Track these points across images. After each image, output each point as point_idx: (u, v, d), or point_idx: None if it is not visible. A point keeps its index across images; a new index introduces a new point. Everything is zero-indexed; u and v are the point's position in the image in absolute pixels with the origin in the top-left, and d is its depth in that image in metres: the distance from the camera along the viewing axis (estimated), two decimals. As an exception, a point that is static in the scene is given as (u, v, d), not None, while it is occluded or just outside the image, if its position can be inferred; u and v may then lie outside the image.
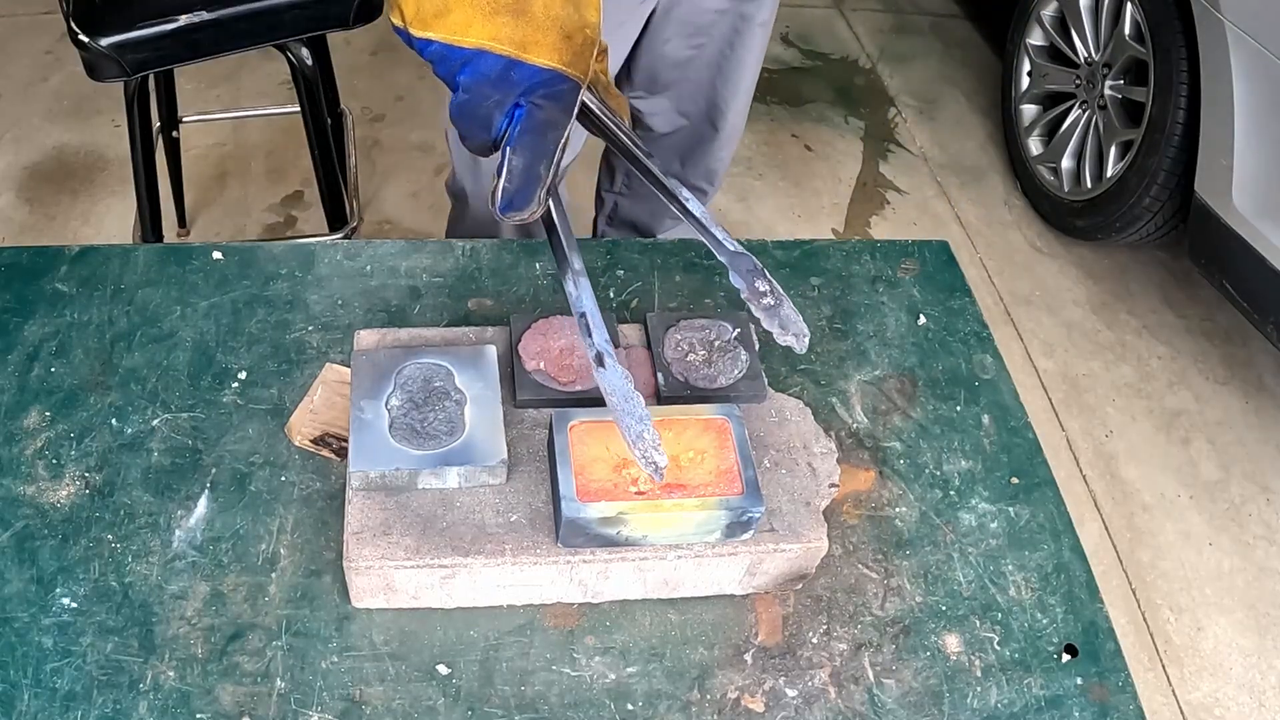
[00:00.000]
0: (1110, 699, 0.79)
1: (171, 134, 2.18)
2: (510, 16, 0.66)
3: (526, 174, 0.67)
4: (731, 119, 1.73)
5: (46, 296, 0.98)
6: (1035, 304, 2.46)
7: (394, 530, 0.77)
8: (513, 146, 0.67)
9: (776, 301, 0.77)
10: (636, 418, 0.72)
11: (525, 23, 0.67)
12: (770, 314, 0.77)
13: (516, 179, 0.67)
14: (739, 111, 1.74)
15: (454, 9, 0.67)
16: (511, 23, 0.66)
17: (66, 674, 0.74)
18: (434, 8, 0.67)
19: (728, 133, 1.75)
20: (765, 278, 0.77)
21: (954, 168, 2.82)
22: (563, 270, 0.76)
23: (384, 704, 0.74)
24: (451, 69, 0.68)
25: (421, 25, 0.67)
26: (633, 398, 0.73)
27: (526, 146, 0.67)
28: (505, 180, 0.67)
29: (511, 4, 0.66)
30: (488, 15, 0.66)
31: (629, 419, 0.72)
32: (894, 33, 3.29)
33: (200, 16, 1.63)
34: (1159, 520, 2.06)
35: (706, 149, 1.76)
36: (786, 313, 0.77)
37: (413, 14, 0.68)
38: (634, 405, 0.73)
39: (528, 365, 0.88)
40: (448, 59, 0.68)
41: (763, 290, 0.77)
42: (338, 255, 1.04)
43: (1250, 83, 1.98)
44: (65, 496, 0.84)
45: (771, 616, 0.82)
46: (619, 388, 0.73)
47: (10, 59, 2.80)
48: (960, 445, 0.94)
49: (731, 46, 1.60)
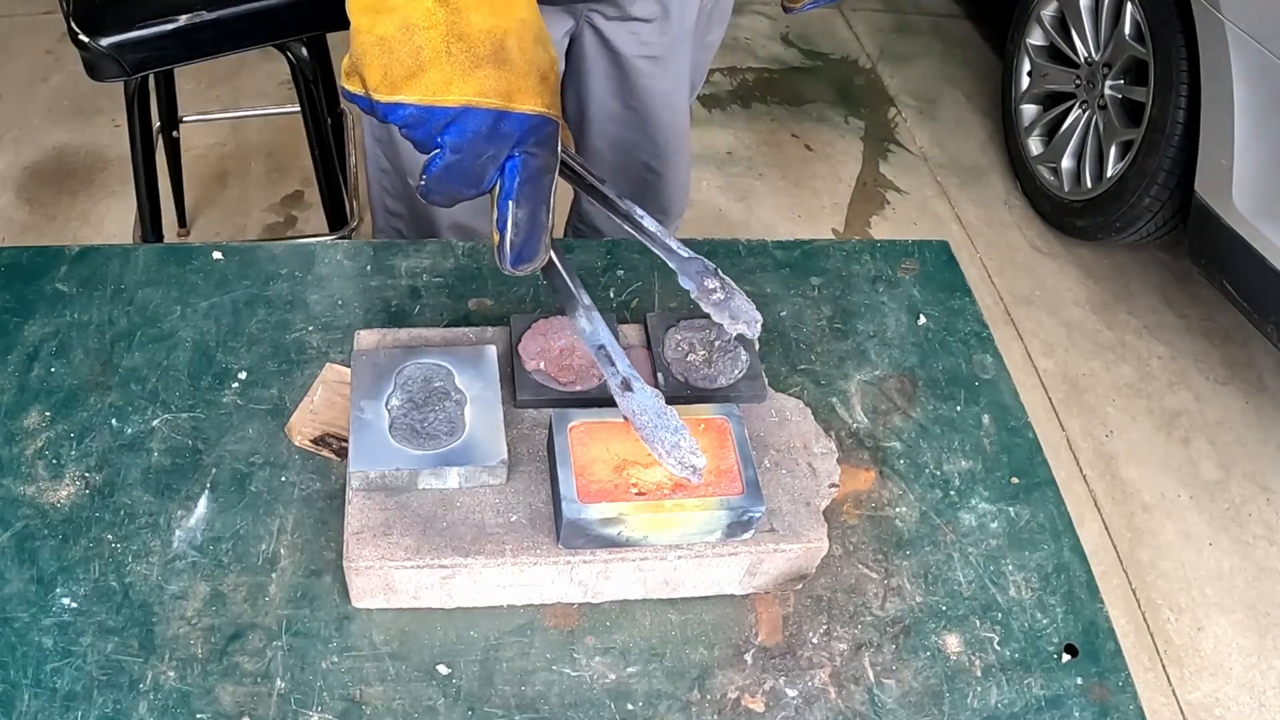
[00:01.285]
0: (1110, 699, 0.79)
1: (171, 134, 2.18)
2: (493, 67, 0.63)
3: (531, 224, 0.66)
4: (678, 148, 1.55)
5: (46, 296, 0.98)
6: (1035, 304, 2.46)
7: (394, 530, 0.77)
8: (515, 200, 0.66)
9: (726, 295, 0.78)
10: (671, 430, 0.73)
11: (507, 71, 0.64)
12: (720, 308, 0.78)
13: (524, 231, 0.66)
14: (682, 135, 1.55)
15: (429, 68, 0.62)
16: (495, 74, 0.63)
17: (66, 674, 0.74)
18: (404, 69, 0.62)
19: (676, 164, 1.58)
20: (715, 275, 0.78)
21: (954, 168, 2.82)
22: (571, 309, 0.76)
23: (384, 704, 0.74)
24: (432, 131, 0.64)
25: (391, 89, 0.63)
26: (665, 413, 0.74)
27: (529, 197, 0.66)
28: (512, 235, 0.66)
29: (491, 54, 0.63)
30: (468, 70, 0.63)
31: (663, 432, 0.73)
32: (894, 33, 3.29)
33: (200, 16, 1.63)
34: (1159, 520, 2.06)
35: (657, 183, 1.58)
36: (738, 303, 0.78)
37: (378, 79, 0.63)
38: (667, 419, 0.73)
39: (528, 365, 0.88)
40: (427, 121, 0.63)
41: (711, 287, 0.78)
42: (338, 255, 1.04)
43: (1250, 83, 1.98)
44: (65, 496, 0.84)
45: (772, 616, 0.82)
46: (650, 406, 0.74)
47: (10, 59, 2.80)
48: (960, 445, 0.94)
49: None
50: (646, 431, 0.74)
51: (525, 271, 0.68)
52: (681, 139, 1.53)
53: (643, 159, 1.51)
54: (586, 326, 0.76)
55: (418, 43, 0.62)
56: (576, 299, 0.75)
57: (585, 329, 0.76)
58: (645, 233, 0.78)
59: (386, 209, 1.54)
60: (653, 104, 1.43)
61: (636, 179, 1.54)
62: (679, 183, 1.61)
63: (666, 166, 1.54)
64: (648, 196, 1.58)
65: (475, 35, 0.63)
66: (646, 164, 1.52)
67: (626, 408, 0.74)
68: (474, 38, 0.63)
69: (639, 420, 0.74)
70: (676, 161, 1.55)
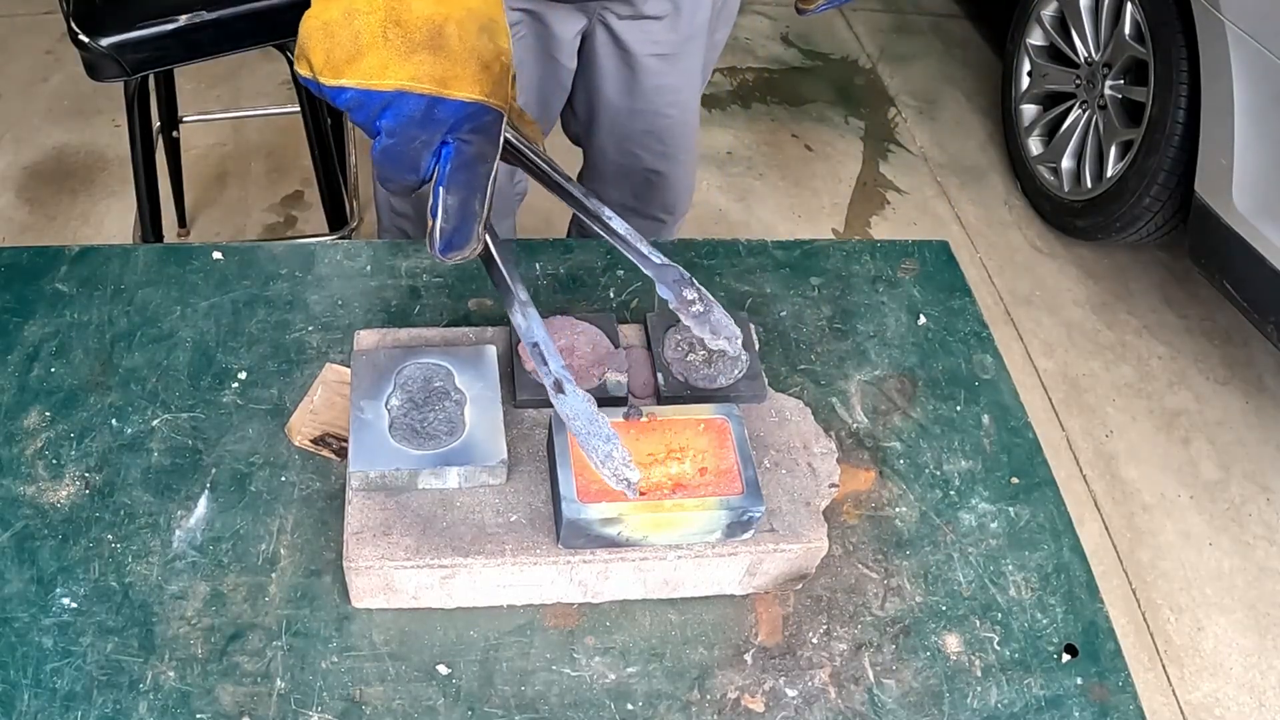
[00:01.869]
0: (1110, 699, 0.79)
1: (171, 134, 2.18)
2: (428, 53, 0.64)
3: (462, 212, 0.67)
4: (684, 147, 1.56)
5: (46, 296, 0.98)
6: (1035, 304, 2.46)
7: (394, 530, 0.77)
8: (445, 186, 0.66)
9: (706, 308, 0.78)
10: (603, 438, 0.72)
11: (444, 58, 0.64)
12: (700, 320, 0.78)
13: (453, 218, 0.66)
14: (689, 134, 1.56)
15: (367, 52, 0.63)
16: (430, 59, 0.64)
17: (66, 674, 0.74)
18: (345, 53, 0.64)
19: (682, 164, 1.59)
20: (693, 285, 0.78)
21: (954, 168, 2.82)
22: (509, 302, 0.75)
23: (384, 704, 0.74)
24: (371, 114, 0.66)
25: (334, 73, 0.64)
26: (596, 420, 0.73)
27: (460, 184, 0.66)
28: (442, 221, 0.66)
29: (428, 40, 0.64)
30: (404, 55, 0.64)
31: (595, 440, 0.72)
32: (894, 33, 3.29)
33: (200, 16, 1.63)
34: (1159, 520, 2.06)
35: (661, 183, 1.60)
36: (717, 318, 0.78)
37: (322, 63, 0.64)
38: (599, 426, 0.73)
39: (527, 366, 0.88)
40: (366, 105, 0.65)
41: (690, 299, 0.78)
42: (338, 255, 1.04)
43: (1250, 83, 1.98)
44: (65, 496, 0.84)
45: (771, 616, 0.82)
46: (582, 411, 0.73)
47: (10, 59, 2.80)
48: (960, 445, 0.94)
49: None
50: (581, 437, 0.73)
51: (456, 259, 0.68)
52: (688, 138, 1.53)
53: (648, 158, 1.51)
54: (521, 322, 0.75)
55: (357, 27, 0.63)
56: (513, 294, 0.75)
57: (520, 324, 0.75)
58: (616, 236, 0.78)
59: (392, 209, 1.55)
60: (660, 101, 1.43)
61: (641, 178, 1.54)
62: (684, 183, 1.61)
63: (672, 166, 1.54)
64: (652, 196, 1.58)
65: (413, 21, 0.64)
66: (652, 164, 1.52)
67: (561, 410, 0.74)
68: (411, 24, 0.64)
69: (573, 425, 0.74)
70: (683, 160, 1.56)
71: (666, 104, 1.44)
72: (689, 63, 1.41)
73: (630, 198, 1.59)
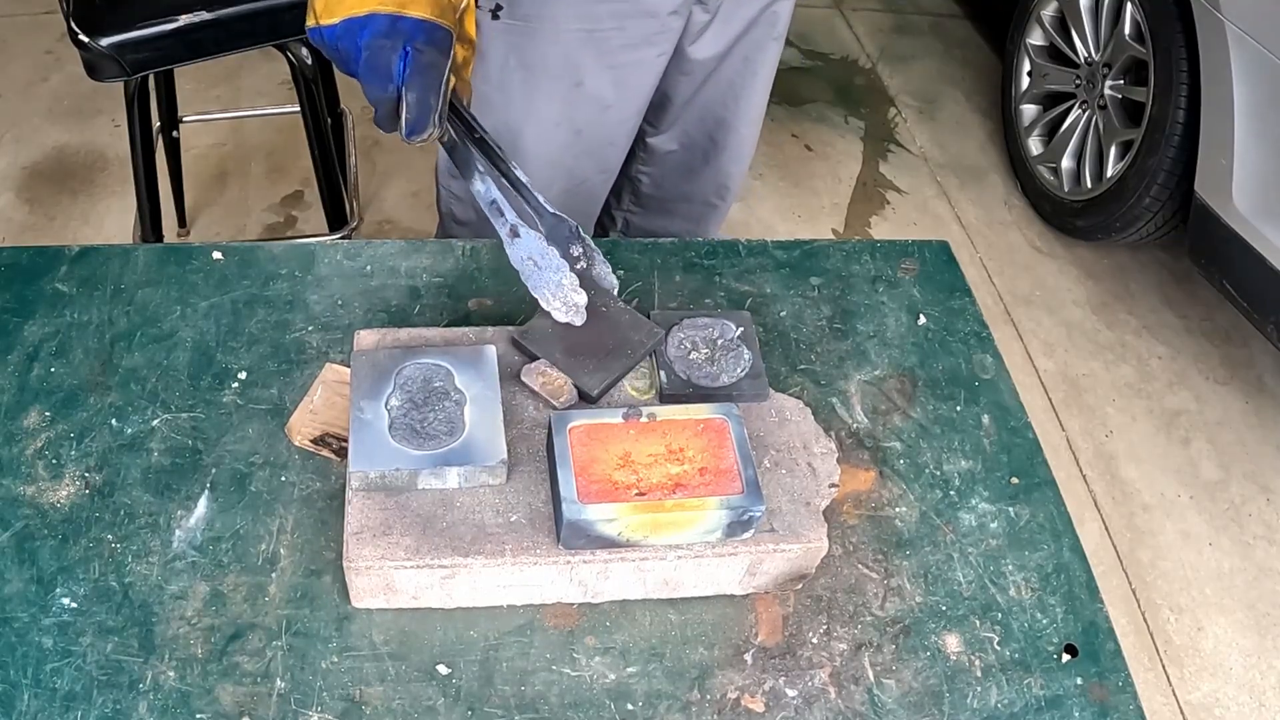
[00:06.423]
0: (1110, 699, 0.79)
1: (171, 134, 2.18)
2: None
3: (420, 105, 0.81)
4: (743, 131, 1.63)
5: (46, 296, 0.98)
6: (1035, 304, 2.46)
7: (394, 530, 0.77)
8: (406, 84, 0.81)
9: (589, 262, 0.90)
10: (554, 268, 0.84)
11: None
12: (584, 274, 0.88)
13: (414, 109, 0.81)
14: (751, 122, 1.63)
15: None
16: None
17: (66, 674, 0.74)
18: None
19: (737, 148, 1.65)
20: (580, 239, 0.89)
21: (954, 168, 2.82)
22: (468, 174, 0.87)
23: (384, 704, 0.74)
24: (354, 36, 0.83)
25: (329, 13, 0.84)
26: (548, 253, 0.84)
27: (417, 84, 0.81)
28: (406, 113, 0.81)
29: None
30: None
31: (548, 273, 0.84)
32: (894, 33, 3.29)
33: (200, 16, 1.63)
34: (1159, 520, 2.06)
35: (714, 165, 1.66)
36: (598, 270, 0.91)
37: (321, 7, 0.85)
38: (551, 259, 0.84)
39: (533, 386, 0.87)
40: (351, 29, 0.84)
41: (576, 254, 0.89)
42: (338, 255, 1.04)
43: (1250, 83, 1.98)
44: (65, 496, 0.84)
45: (771, 616, 0.82)
46: (536, 249, 0.85)
47: (10, 59, 2.80)
48: (960, 445, 0.94)
49: (746, 62, 1.53)
50: (532, 279, 0.84)
51: (418, 142, 0.81)
52: (758, 114, 1.65)
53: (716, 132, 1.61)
54: (480, 187, 0.86)
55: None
56: (472, 164, 0.87)
57: (479, 190, 0.86)
58: (515, 181, 0.90)
59: (454, 218, 1.55)
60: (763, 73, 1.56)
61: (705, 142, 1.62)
62: (741, 161, 1.69)
63: (733, 138, 1.63)
64: (706, 166, 1.67)
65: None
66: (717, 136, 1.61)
67: (514, 256, 0.85)
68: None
69: (525, 268, 0.84)
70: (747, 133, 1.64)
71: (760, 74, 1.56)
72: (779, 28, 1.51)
73: (683, 180, 1.68)
